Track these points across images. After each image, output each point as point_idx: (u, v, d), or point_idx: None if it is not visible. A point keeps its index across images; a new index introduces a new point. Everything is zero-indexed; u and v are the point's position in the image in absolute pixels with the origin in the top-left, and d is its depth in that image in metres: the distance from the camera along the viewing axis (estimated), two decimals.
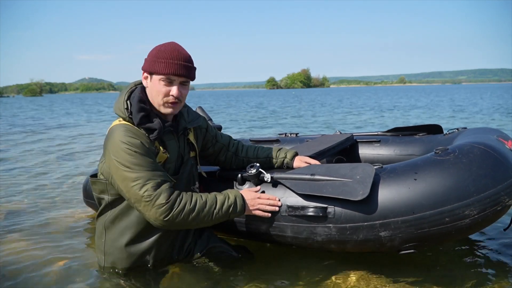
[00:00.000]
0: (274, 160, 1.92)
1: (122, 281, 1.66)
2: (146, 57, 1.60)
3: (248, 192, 1.67)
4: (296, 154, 1.93)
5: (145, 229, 1.63)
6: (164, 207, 1.45)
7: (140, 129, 1.54)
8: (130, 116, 1.54)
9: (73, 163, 5.07)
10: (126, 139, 1.48)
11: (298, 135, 3.14)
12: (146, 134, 1.54)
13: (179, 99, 1.57)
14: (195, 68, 1.62)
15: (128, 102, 1.57)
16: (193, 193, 1.57)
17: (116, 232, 1.65)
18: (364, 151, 2.77)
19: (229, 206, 1.57)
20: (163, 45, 1.57)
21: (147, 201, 1.45)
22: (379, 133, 2.83)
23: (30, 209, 2.96)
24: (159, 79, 1.53)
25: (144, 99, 1.59)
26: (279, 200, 1.65)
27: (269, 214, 1.65)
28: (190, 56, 1.59)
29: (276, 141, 3.05)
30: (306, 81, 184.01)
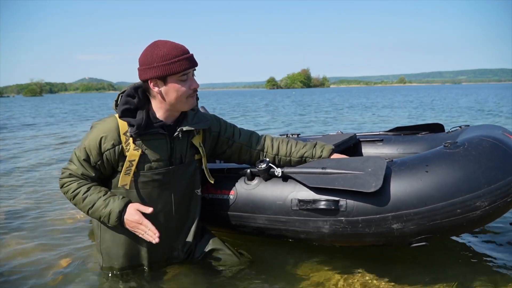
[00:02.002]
0: (310, 160, 1.80)
1: (121, 282, 1.67)
2: (140, 66, 1.56)
3: (133, 212, 1.55)
4: (333, 151, 1.82)
5: None
6: (59, 181, 1.66)
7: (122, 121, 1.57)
8: (117, 108, 1.59)
9: None
10: (95, 136, 1.57)
11: (299, 135, 3.13)
12: (128, 128, 1.55)
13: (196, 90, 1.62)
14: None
15: (121, 96, 1.61)
16: (86, 186, 1.60)
17: (110, 231, 1.65)
18: (367, 150, 2.78)
19: (101, 216, 1.57)
20: (158, 46, 1.53)
21: (61, 169, 1.67)
22: (381, 132, 2.85)
23: (30, 209, 2.93)
24: (176, 79, 1.54)
25: (133, 95, 1.59)
26: (158, 236, 1.54)
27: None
28: (185, 46, 1.60)
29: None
30: (306, 81, 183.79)
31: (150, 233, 1.54)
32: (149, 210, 1.55)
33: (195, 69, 1.61)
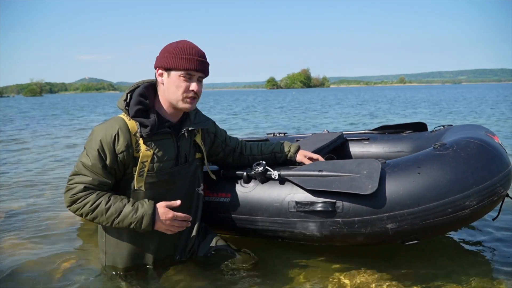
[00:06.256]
0: (278, 155, 1.95)
1: (124, 281, 1.67)
2: (158, 54, 1.62)
3: (165, 211, 1.56)
4: (299, 148, 1.95)
5: None
6: (70, 198, 1.53)
7: (132, 121, 1.55)
8: (127, 107, 1.57)
9: (74, 161, 5.06)
10: (103, 135, 1.52)
11: (286, 134, 3.16)
12: (138, 129, 1.55)
13: (197, 95, 1.61)
14: (209, 64, 1.66)
15: (129, 95, 1.59)
16: (105, 196, 1.53)
17: (115, 231, 1.64)
18: (354, 149, 2.83)
19: (131, 222, 1.52)
20: (179, 42, 1.60)
21: (66, 185, 1.57)
22: (366, 131, 2.90)
23: (30, 208, 2.94)
24: (179, 75, 1.56)
25: (145, 95, 1.60)
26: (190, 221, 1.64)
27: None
28: (205, 53, 1.63)
29: (266, 140, 2.97)
30: (306, 81, 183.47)
31: (185, 223, 1.61)
32: (177, 203, 1.57)
33: (203, 77, 1.63)
